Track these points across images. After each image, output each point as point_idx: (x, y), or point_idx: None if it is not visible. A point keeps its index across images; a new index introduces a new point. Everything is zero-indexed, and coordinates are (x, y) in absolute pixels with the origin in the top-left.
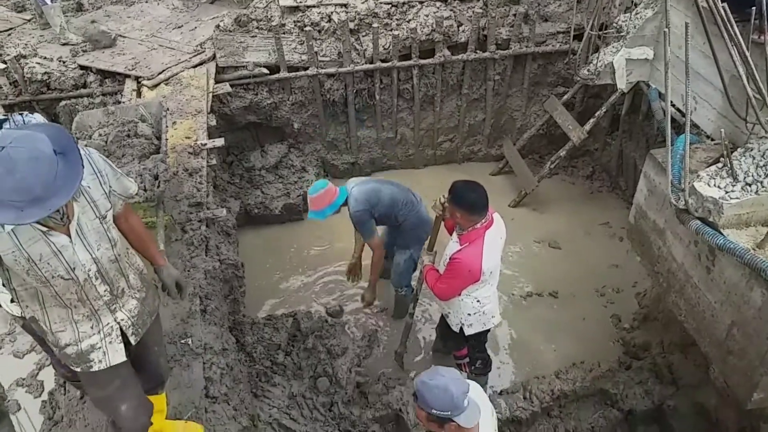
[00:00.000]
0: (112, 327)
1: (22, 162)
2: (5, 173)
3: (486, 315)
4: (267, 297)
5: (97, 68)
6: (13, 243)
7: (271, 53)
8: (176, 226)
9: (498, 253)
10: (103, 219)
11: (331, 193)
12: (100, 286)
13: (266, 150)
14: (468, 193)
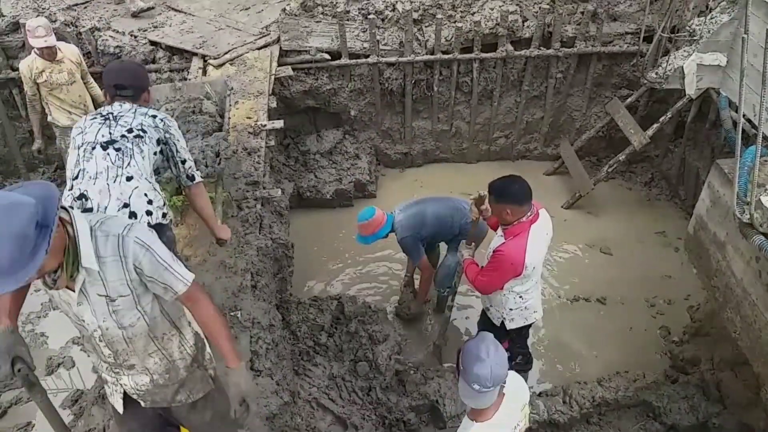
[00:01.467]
0: (115, 384)
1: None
2: None
3: (528, 310)
4: (313, 279)
5: (166, 44)
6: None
7: (333, 39)
8: (233, 203)
9: (543, 249)
10: (111, 301)
11: (377, 222)
12: (104, 349)
13: (322, 135)
14: (511, 186)
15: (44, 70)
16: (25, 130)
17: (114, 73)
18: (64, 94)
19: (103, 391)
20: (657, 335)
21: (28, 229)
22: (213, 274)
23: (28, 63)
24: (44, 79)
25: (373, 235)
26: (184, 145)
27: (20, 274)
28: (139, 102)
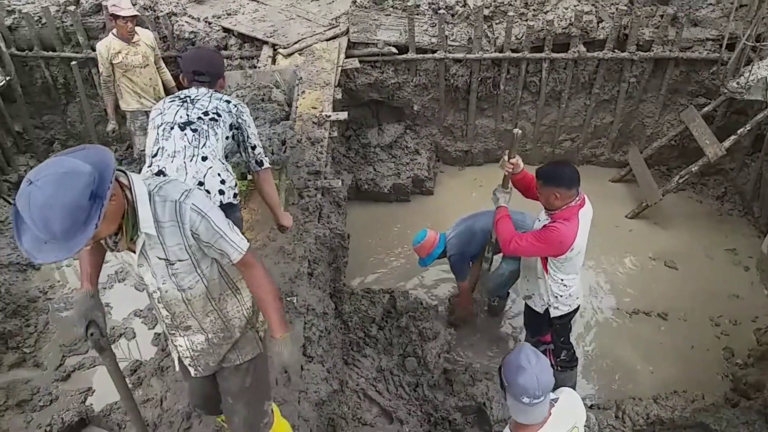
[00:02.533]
0: (175, 346)
1: (35, 206)
2: (26, 208)
3: (572, 297)
4: (366, 271)
5: (238, 32)
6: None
7: (402, 33)
8: (294, 191)
9: (587, 234)
10: (170, 264)
11: (429, 242)
12: (162, 310)
13: (383, 128)
14: (561, 170)
15: (120, 51)
16: (101, 109)
17: (193, 60)
18: (136, 76)
19: (162, 363)
20: (720, 356)
21: (82, 199)
22: (272, 259)
23: (105, 44)
24: (120, 60)
25: (429, 256)
26: (255, 132)
27: (72, 243)
28: (215, 87)
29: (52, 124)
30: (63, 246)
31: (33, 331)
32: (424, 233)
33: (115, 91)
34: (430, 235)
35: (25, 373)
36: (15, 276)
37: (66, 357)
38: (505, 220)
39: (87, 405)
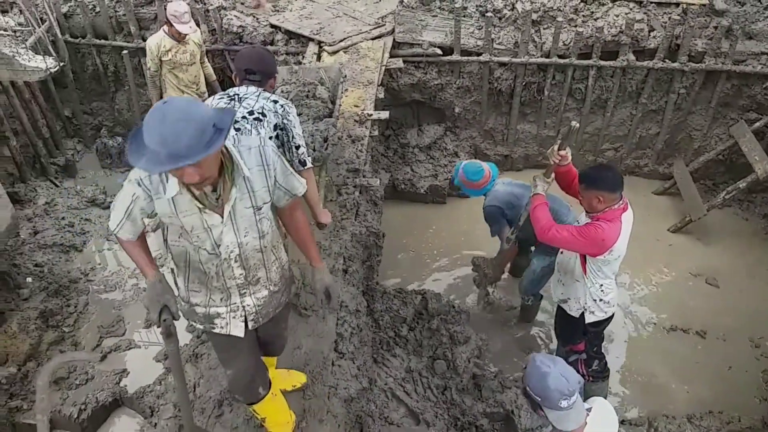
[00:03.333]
0: (238, 306)
1: (170, 120)
2: (158, 122)
3: (609, 304)
4: (399, 271)
5: (285, 29)
6: (171, 210)
7: (447, 35)
8: (333, 188)
9: (627, 239)
10: (257, 210)
11: (482, 182)
12: (237, 269)
13: (423, 129)
14: (604, 173)
15: (170, 49)
16: (148, 98)
17: (246, 58)
18: (182, 73)
19: (197, 351)
20: (758, 378)
21: (207, 125)
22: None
23: (156, 40)
24: (169, 57)
25: (476, 189)
26: (300, 132)
27: (194, 155)
28: (265, 87)
29: (100, 110)
30: (184, 158)
31: (73, 311)
32: (481, 170)
33: (160, 85)
34: (486, 174)
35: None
36: (58, 257)
37: (103, 338)
38: (543, 208)
39: (121, 386)
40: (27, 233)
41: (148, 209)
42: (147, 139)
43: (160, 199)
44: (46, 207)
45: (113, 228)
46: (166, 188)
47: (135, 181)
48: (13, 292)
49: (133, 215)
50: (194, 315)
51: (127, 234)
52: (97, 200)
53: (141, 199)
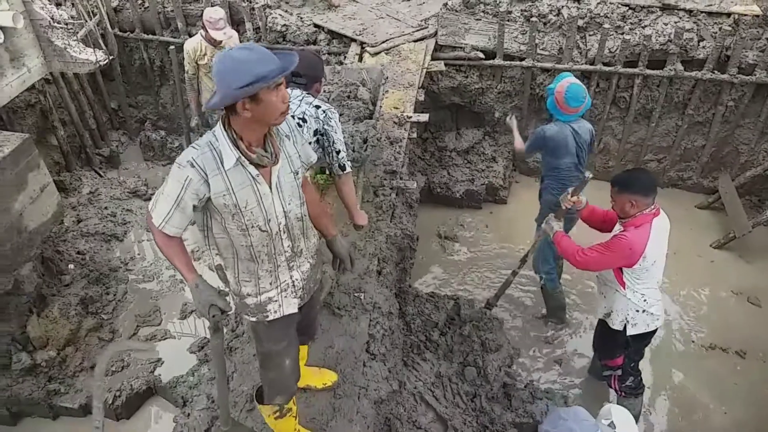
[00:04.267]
0: (288, 283)
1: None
2: (248, 54)
3: (652, 315)
4: (431, 275)
5: (328, 29)
6: (226, 185)
7: (491, 39)
8: (370, 189)
9: (664, 244)
10: (296, 174)
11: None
12: (285, 240)
13: (461, 133)
14: (637, 176)
15: (206, 54)
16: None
17: None
18: None
19: (231, 344)
20: None
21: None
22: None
23: (193, 45)
24: (205, 62)
25: (559, 112)
26: (341, 137)
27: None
28: (310, 91)
29: (145, 104)
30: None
31: (112, 299)
32: (585, 100)
33: (198, 87)
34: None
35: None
36: (100, 245)
37: (140, 327)
38: (565, 239)
39: (155, 375)
40: (71, 221)
41: (200, 192)
42: (244, 67)
43: (216, 176)
44: (90, 196)
45: (159, 222)
46: (224, 160)
47: (187, 163)
48: (56, 278)
49: (183, 203)
50: (246, 308)
51: (174, 228)
52: (138, 191)
53: (194, 182)
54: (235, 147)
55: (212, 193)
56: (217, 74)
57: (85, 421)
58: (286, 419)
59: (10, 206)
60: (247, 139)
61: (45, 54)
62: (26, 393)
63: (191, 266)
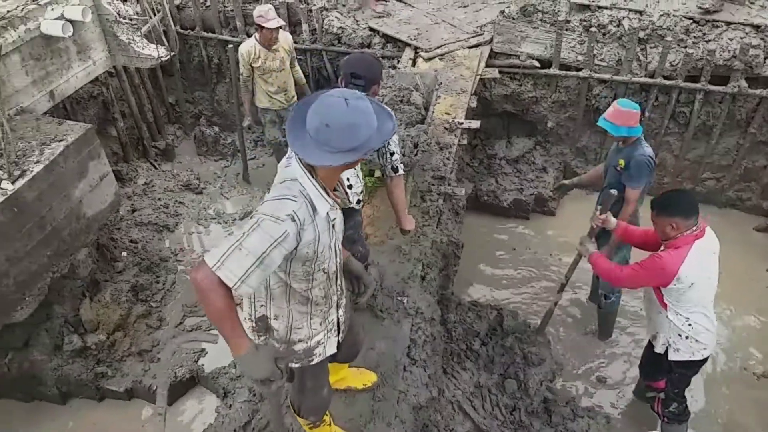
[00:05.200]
0: (333, 323)
1: (360, 113)
2: (359, 117)
3: (698, 343)
4: (474, 283)
5: (383, 32)
6: (315, 235)
7: (547, 47)
8: (417, 193)
9: (709, 267)
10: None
11: (637, 118)
12: (338, 281)
13: (512, 141)
14: (678, 198)
15: (260, 57)
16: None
17: (353, 62)
18: (272, 79)
19: None
20: None
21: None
22: (388, 256)
23: (247, 48)
24: (259, 64)
25: (628, 128)
26: (396, 139)
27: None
28: (368, 93)
29: (201, 100)
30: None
31: (161, 288)
32: (637, 106)
33: (252, 89)
34: (637, 114)
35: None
36: (152, 235)
37: (186, 317)
38: (600, 259)
39: (198, 365)
40: (125, 210)
41: (291, 247)
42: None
43: (309, 226)
44: (145, 187)
45: (233, 282)
46: (316, 209)
47: (287, 217)
48: (109, 265)
49: (269, 260)
50: (293, 355)
51: (249, 288)
52: (191, 185)
53: (290, 237)
54: (327, 194)
55: (301, 244)
56: (334, 131)
57: (129, 404)
58: (322, 428)
59: (71, 193)
60: (329, 185)
61: (110, 48)
62: (75, 374)
63: (243, 330)
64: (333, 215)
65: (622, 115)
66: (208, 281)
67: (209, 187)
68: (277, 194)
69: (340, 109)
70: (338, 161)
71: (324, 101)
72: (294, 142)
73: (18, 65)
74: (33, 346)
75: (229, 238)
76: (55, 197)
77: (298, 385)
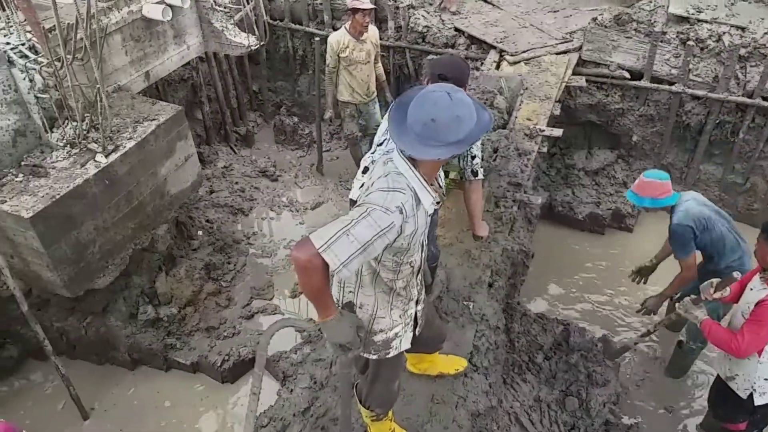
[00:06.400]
0: (411, 316)
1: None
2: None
3: None
4: (542, 295)
5: (469, 33)
6: (415, 227)
7: (639, 59)
8: (492, 199)
9: None
10: None
11: (664, 188)
12: (419, 275)
13: (593, 153)
14: None
15: (348, 46)
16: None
17: (442, 63)
18: (356, 71)
19: None
20: None
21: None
22: (456, 259)
23: (337, 37)
24: (346, 54)
25: (654, 199)
26: (479, 143)
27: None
28: None
29: (283, 90)
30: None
31: (232, 269)
32: (665, 176)
33: (336, 81)
34: (669, 183)
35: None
36: (227, 217)
37: (254, 299)
38: (714, 327)
39: None
40: (204, 191)
41: (393, 237)
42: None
43: (411, 218)
44: (224, 170)
45: (336, 265)
46: (421, 202)
47: (396, 209)
48: (186, 242)
49: (371, 249)
50: (370, 345)
51: (350, 272)
52: (267, 172)
53: (395, 228)
54: (429, 187)
55: (401, 236)
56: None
57: (194, 377)
58: (383, 422)
59: (158, 170)
60: (430, 178)
61: (204, 34)
62: (147, 343)
63: (333, 300)
64: (433, 208)
65: (645, 185)
66: (312, 261)
67: (284, 175)
68: (386, 186)
69: (445, 103)
70: (444, 154)
71: (427, 97)
72: (398, 137)
73: (119, 45)
74: (110, 312)
75: (336, 222)
76: (143, 173)
77: (371, 376)
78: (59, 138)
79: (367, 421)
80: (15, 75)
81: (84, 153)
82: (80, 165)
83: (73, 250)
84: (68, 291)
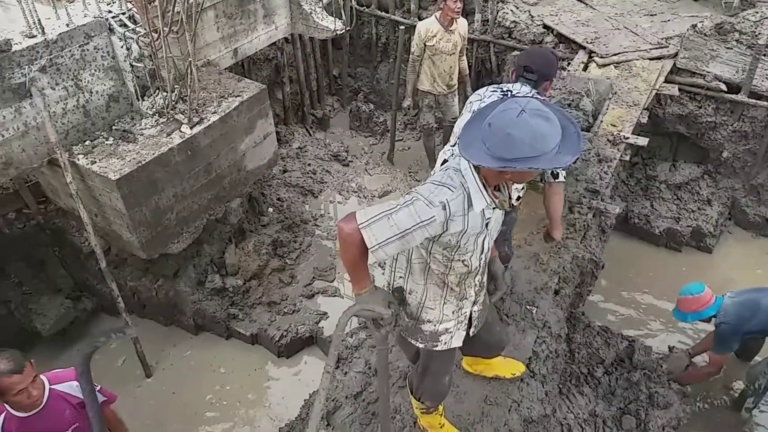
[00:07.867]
0: (465, 315)
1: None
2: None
3: None
4: (607, 307)
5: (558, 31)
6: (463, 227)
7: (739, 71)
8: (566, 203)
9: None
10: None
11: (704, 300)
12: (478, 276)
13: (677, 166)
14: None
15: (436, 35)
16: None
17: (528, 55)
18: (441, 61)
19: None
20: None
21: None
22: (523, 262)
23: (426, 25)
24: (433, 44)
25: (695, 313)
26: None
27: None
28: (538, 89)
29: (362, 76)
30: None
31: (298, 248)
32: (701, 287)
33: (419, 70)
34: (707, 292)
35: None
36: (297, 197)
37: (316, 279)
38: None
39: (318, 326)
40: (278, 169)
41: (434, 232)
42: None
43: (459, 218)
44: (298, 151)
45: (372, 244)
46: (473, 203)
47: (440, 204)
48: (256, 217)
49: (409, 238)
50: (418, 333)
51: (385, 255)
52: (339, 156)
53: (435, 224)
54: (486, 192)
55: (446, 233)
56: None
57: (252, 348)
58: (433, 416)
59: (237, 146)
60: (492, 183)
61: (292, 15)
62: (211, 310)
63: (368, 275)
64: (488, 213)
65: (681, 302)
66: (353, 235)
67: (355, 160)
68: (439, 180)
69: (508, 116)
70: (490, 164)
71: (506, 103)
72: (464, 131)
73: (212, 21)
74: (180, 277)
75: (383, 204)
76: (224, 147)
77: (421, 368)
78: (149, 106)
79: (417, 412)
80: (114, 42)
81: (171, 123)
82: (166, 134)
83: (152, 215)
84: (144, 253)
